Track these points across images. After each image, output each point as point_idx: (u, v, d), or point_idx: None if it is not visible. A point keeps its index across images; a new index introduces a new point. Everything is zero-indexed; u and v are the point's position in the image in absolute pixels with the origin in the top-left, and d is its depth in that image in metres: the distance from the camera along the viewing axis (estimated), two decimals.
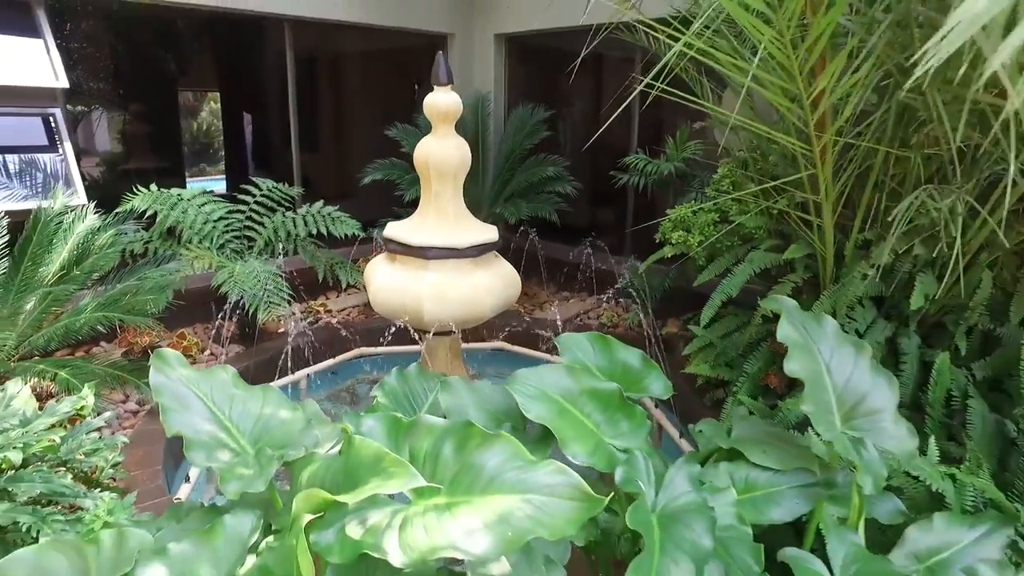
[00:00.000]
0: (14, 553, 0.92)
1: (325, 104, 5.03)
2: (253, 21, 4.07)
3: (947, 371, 1.95)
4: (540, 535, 0.91)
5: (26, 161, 3.53)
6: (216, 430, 1.09)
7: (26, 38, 3.60)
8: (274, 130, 4.71)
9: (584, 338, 1.62)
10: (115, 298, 2.87)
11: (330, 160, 5.15)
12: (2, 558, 0.93)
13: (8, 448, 1.62)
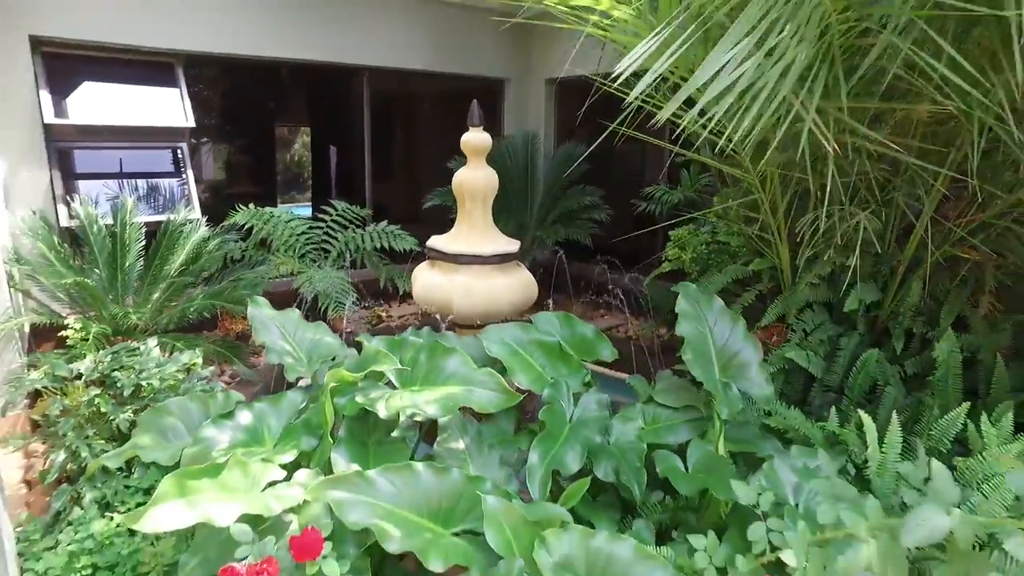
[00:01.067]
0: (169, 400, 1.63)
1: (395, 139, 5.89)
2: (338, 69, 4.97)
3: (872, 363, 2.39)
4: (471, 406, 1.52)
5: (158, 185, 4.52)
6: (285, 344, 1.78)
7: (166, 88, 4.63)
8: (352, 161, 5.61)
9: (553, 316, 2.22)
10: (218, 292, 3.71)
11: (398, 187, 5.99)
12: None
13: (152, 378, 2.39)
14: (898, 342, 2.51)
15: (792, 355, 2.44)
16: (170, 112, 4.55)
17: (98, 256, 3.50)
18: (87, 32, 3.85)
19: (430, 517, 1.34)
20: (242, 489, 1.31)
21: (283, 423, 1.60)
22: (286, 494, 1.30)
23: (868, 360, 2.39)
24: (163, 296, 3.57)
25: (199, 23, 4.24)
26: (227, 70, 5.13)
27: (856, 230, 2.27)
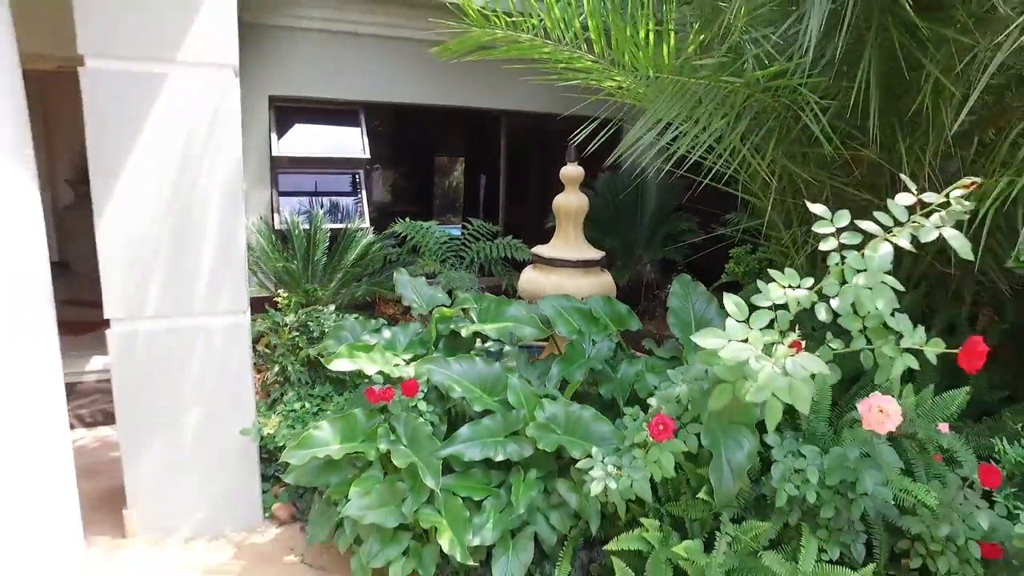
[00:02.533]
0: (344, 321, 2.83)
1: (525, 169, 7.08)
2: (482, 112, 6.26)
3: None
4: (518, 334, 2.55)
5: (339, 201, 6.03)
6: (413, 295, 2.93)
7: (351, 128, 6.18)
8: (492, 187, 6.88)
9: (600, 298, 3.17)
10: (378, 282, 5.05)
11: (526, 209, 7.15)
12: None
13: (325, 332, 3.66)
14: None
15: None
16: (352, 146, 6.10)
17: (297, 251, 4.97)
18: (302, 91, 5.45)
19: (480, 386, 2.37)
20: (380, 362, 2.43)
21: (408, 339, 2.72)
22: (403, 367, 2.40)
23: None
24: (339, 282, 4.97)
25: (376, 81, 5.72)
26: (397, 113, 6.63)
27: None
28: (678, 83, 2.29)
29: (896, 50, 2.17)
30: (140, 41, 2.28)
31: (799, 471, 1.89)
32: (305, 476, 2.32)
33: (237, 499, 2.73)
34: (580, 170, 4.16)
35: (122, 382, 2.47)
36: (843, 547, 2.00)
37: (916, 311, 3.13)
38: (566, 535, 2.25)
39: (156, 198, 2.39)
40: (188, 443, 2.60)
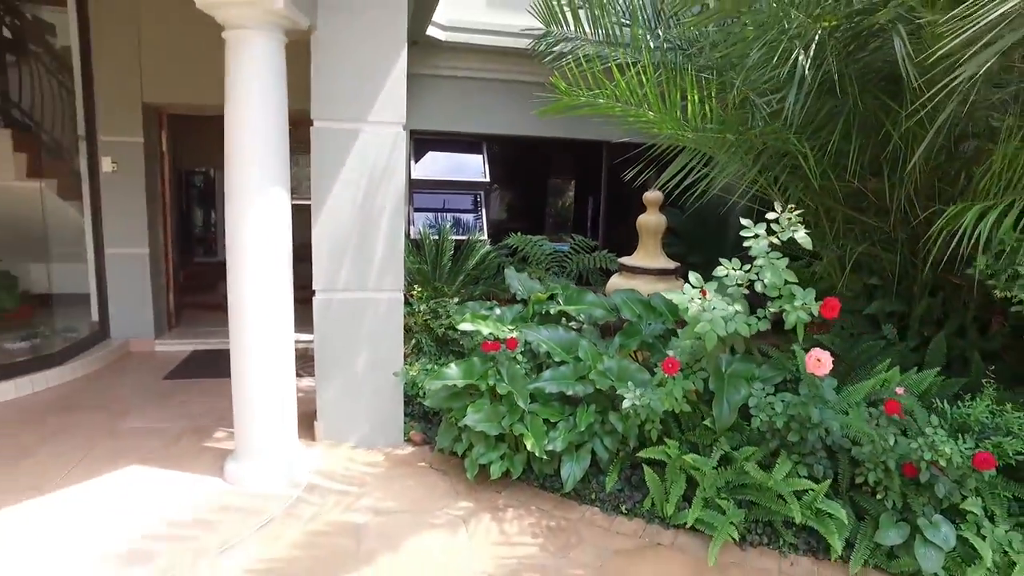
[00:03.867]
0: (467, 303, 3.97)
1: (621, 191, 8.03)
2: (586, 142, 7.31)
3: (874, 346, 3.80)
4: (592, 315, 3.58)
5: (461, 217, 7.28)
6: (517, 284, 4.02)
7: (474, 155, 7.44)
8: (595, 208, 7.88)
9: (660, 294, 4.11)
10: (492, 284, 6.20)
11: (623, 227, 8.09)
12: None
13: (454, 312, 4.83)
14: (911, 340, 3.84)
15: (820, 339, 3.94)
16: (474, 171, 7.36)
17: (428, 256, 6.23)
18: (435, 125, 6.77)
19: (560, 346, 3.41)
20: (492, 326, 3.53)
21: (512, 315, 3.80)
22: (507, 332, 3.49)
23: (873, 346, 3.79)
24: (461, 282, 6.17)
25: (496, 117, 6.96)
26: (513, 143, 7.83)
27: (875, 263, 3.76)
28: (705, 132, 3.25)
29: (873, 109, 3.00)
30: (346, 111, 3.56)
31: (771, 404, 2.77)
32: (437, 400, 3.46)
33: (387, 423, 3.92)
34: (659, 195, 5.12)
35: (320, 332, 3.74)
36: (809, 468, 2.84)
37: (934, 315, 3.83)
38: (615, 453, 3.23)
39: (350, 211, 3.65)
40: (358, 379, 3.82)
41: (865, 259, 3.93)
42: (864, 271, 4.06)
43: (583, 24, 4.61)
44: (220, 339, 6.15)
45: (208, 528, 2.95)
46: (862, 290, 4.07)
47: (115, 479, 3.38)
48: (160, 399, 4.65)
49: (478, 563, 2.79)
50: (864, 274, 4.05)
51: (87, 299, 5.72)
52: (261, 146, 3.09)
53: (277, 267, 3.23)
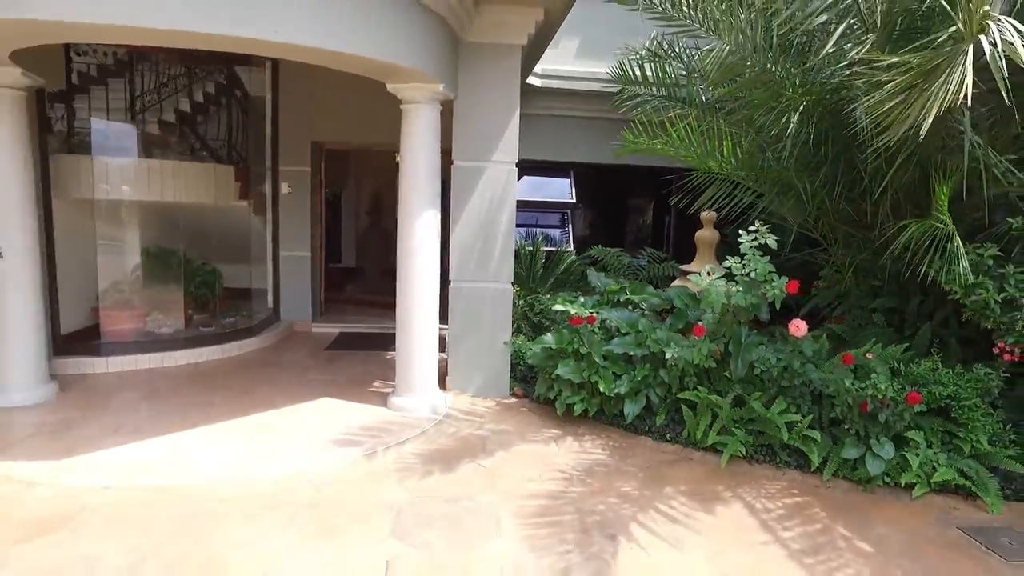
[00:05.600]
0: (556, 296, 5.42)
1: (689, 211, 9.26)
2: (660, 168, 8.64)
3: (873, 334, 4.97)
4: (651, 302, 4.96)
5: (549, 232, 8.77)
6: (598, 282, 5.44)
7: (563, 179, 8.93)
8: (665, 225, 9.17)
9: None
10: (576, 286, 7.62)
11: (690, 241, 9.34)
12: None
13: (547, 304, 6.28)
14: (908, 330, 4.98)
15: (835, 328, 5.12)
16: (562, 193, 8.85)
17: (524, 263, 7.73)
18: (529, 155, 8.29)
19: (626, 322, 4.80)
20: (577, 308, 4.96)
21: (591, 302, 5.21)
22: (587, 312, 4.91)
23: (874, 333, 4.96)
24: (550, 285, 7.64)
25: (581, 148, 8.42)
26: (597, 169, 9.26)
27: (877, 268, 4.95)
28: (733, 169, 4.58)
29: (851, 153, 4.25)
30: (475, 153, 5.12)
31: (767, 358, 4.06)
32: (537, 359, 4.92)
33: (497, 379, 5.41)
34: (713, 214, 6.42)
35: (453, 310, 5.29)
36: (797, 407, 4.10)
37: (926, 309, 4.94)
38: (663, 399, 4.57)
39: (476, 223, 5.20)
40: (478, 346, 5.34)
41: (868, 264, 5.09)
42: (870, 275, 5.21)
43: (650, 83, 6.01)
44: (357, 324, 7.91)
45: (386, 432, 4.53)
46: (868, 290, 5.23)
47: (317, 404, 5.04)
48: (327, 363, 6.35)
49: (563, 460, 4.21)
50: (870, 277, 5.21)
51: (266, 291, 7.57)
52: (423, 179, 4.69)
53: (431, 261, 4.81)
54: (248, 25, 3.45)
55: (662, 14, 5.72)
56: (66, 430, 4.34)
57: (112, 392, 5.21)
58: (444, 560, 3.01)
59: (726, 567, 3.07)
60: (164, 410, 4.80)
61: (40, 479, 3.59)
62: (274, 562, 2.93)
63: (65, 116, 5.80)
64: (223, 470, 3.82)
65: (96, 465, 3.81)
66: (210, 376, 5.74)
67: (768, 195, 4.84)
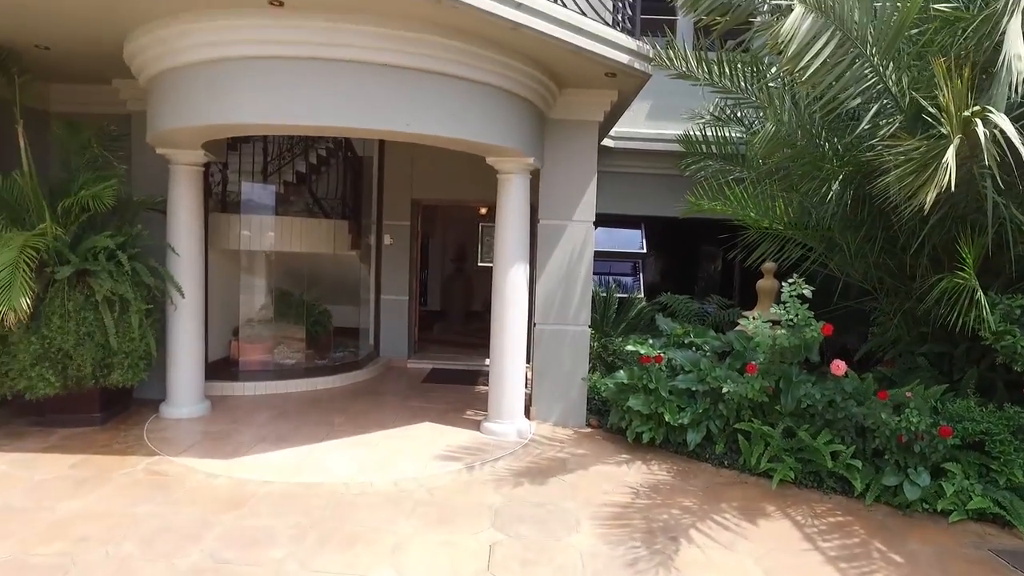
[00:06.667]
0: (629, 338, 6.15)
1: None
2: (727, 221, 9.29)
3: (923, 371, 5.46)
4: (712, 344, 5.63)
5: (621, 280, 9.52)
6: (665, 326, 6.15)
7: (634, 230, 9.69)
8: (733, 274, 9.75)
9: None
10: (646, 331, 8.30)
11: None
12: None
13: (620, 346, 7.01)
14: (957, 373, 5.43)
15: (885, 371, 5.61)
16: (633, 244, 9.60)
17: (598, 308, 8.48)
18: (604, 208, 9.10)
19: (688, 361, 5.47)
20: (646, 349, 5.68)
21: (659, 344, 5.90)
22: (655, 352, 5.61)
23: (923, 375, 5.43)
24: (622, 329, 8.35)
25: (652, 202, 9.17)
26: (666, 221, 9.98)
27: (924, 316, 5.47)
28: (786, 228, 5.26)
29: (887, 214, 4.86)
30: (559, 213, 6.00)
31: (813, 394, 4.66)
32: (611, 393, 5.64)
33: (575, 411, 6.15)
34: (773, 265, 7.03)
35: (537, 350, 6.11)
36: (842, 438, 4.66)
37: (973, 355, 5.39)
38: (721, 429, 5.19)
39: (558, 274, 6.04)
40: (559, 380, 6.12)
41: (915, 312, 5.59)
42: (918, 322, 5.70)
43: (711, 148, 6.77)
44: (447, 361, 8.83)
45: (481, 451, 5.34)
46: (917, 336, 5.71)
47: (420, 427, 5.93)
48: (424, 393, 7.26)
49: (632, 479, 4.90)
50: (918, 324, 5.69)
51: (368, 330, 8.62)
52: (516, 238, 5.60)
53: (520, 307, 5.67)
54: (387, 122, 4.49)
55: (721, 88, 6.55)
56: (226, 437, 5.38)
57: (251, 411, 6.27)
58: (535, 546, 3.77)
59: (769, 566, 3.69)
60: (296, 426, 5.79)
61: (217, 472, 4.60)
62: (403, 539, 3.77)
63: (220, 182, 7.09)
64: (351, 474, 4.72)
65: (255, 465, 4.79)
66: (327, 401, 6.74)
67: (817, 250, 5.47)
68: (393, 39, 4.38)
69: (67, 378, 5.15)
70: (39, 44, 5.08)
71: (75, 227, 5.27)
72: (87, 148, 5.51)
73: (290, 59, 4.39)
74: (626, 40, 5.18)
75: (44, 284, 5.02)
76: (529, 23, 4.41)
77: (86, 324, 5.10)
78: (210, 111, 4.53)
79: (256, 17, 4.25)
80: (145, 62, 4.88)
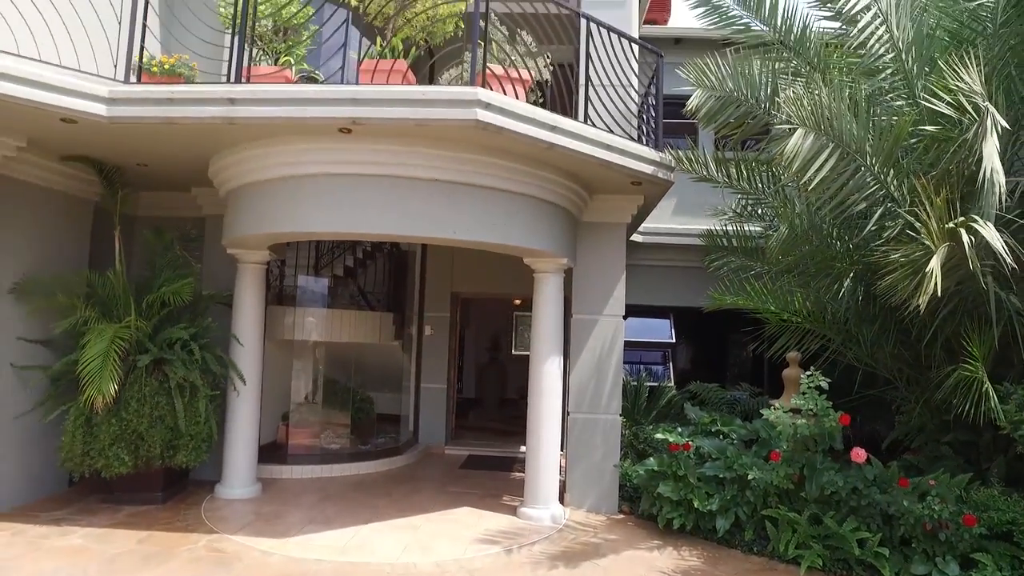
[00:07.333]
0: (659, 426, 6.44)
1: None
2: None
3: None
4: (738, 432, 5.89)
5: (652, 368, 9.83)
6: (693, 415, 6.43)
7: (663, 320, 10.08)
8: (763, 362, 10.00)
9: None
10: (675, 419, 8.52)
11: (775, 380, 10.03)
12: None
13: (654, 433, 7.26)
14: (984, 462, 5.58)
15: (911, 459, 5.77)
16: (663, 333, 9.96)
17: (629, 397, 8.75)
18: (634, 300, 9.53)
19: (715, 449, 5.72)
20: (675, 437, 5.95)
21: (687, 432, 6.17)
22: (684, 440, 5.88)
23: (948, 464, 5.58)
24: (653, 417, 8.58)
25: (679, 294, 9.59)
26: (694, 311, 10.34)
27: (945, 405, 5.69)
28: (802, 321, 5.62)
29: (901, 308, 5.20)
30: (590, 308, 6.46)
31: (835, 480, 4.87)
32: (641, 480, 5.88)
33: (608, 497, 6.37)
34: (797, 355, 7.31)
35: (571, 437, 6.41)
36: (867, 525, 4.83)
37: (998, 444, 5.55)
38: (750, 516, 5.38)
39: (590, 365, 6.43)
40: (592, 466, 6.38)
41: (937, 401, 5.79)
42: (941, 410, 5.89)
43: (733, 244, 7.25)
44: (483, 448, 9.12)
45: (518, 535, 5.59)
46: (941, 424, 5.88)
47: (459, 511, 6.20)
48: (462, 478, 7.54)
49: (663, 564, 5.09)
50: (941, 412, 5.88)
51: (408, 417, 9.01)
52: (552, 332, 6.05)
53: (555, 397, 6.04)
54: (437, 231, 5.09)
55: (740, 189, 7.08)
56: (277, 518, 5.73)
57: (299, 493, 6.63)
58: None
59: None
60: (343, 508, 6.12)
61: (272, 550, 4.94)
62: None
63: (278, 276, 7.76)
64: (395, 555, 5.01)
65: (307, 544, 5.12)
66: (370, 485, 7.07)
67: (835, 341, 5.80)
68: (444, 159, 5.04)
69: (138, 458, 5.62)
70: (141, 163, 5.88)
71: (155, 319, 5.89)
72: (170, 249, 6.22)
73: (354, 176, 5.06)
74: (650, 153, 5.78)
75: (126, 371, 5.59)
76: (563, 143, 5.03)
77: (159, 408, 5.62)
78: (283, 221, 5.19)
79: (327, 142, 4.95)
80: (228, 177, 5.62)
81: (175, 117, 4.77)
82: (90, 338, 5.40)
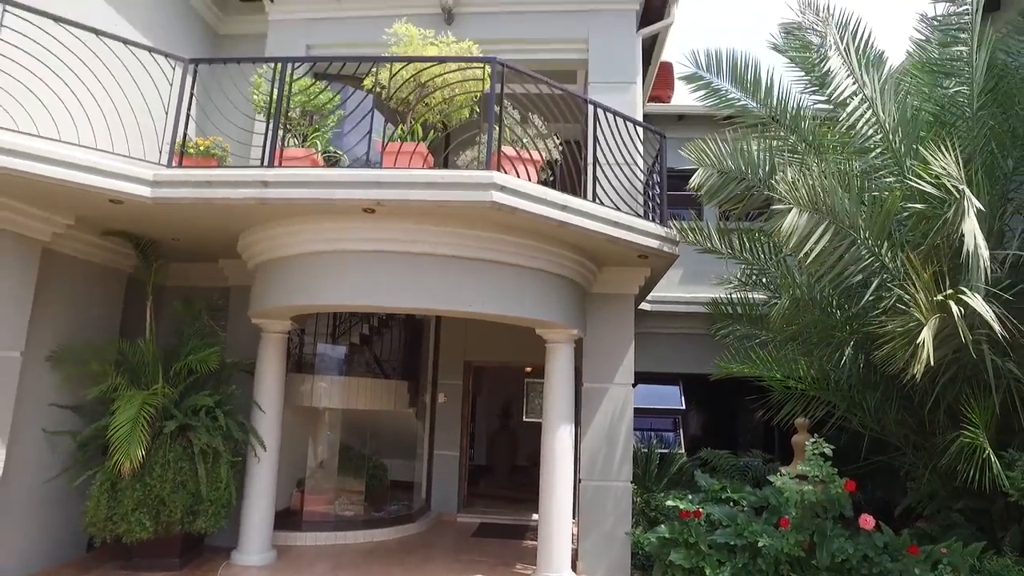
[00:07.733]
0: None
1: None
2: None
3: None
4: (748, 499, 5.97)
5: (663, 434, 9.90)
6: (703, 482, 6.52)
7: (672, 387, 10.21)
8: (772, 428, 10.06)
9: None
10: (686, 487, 8.55)
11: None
12: None
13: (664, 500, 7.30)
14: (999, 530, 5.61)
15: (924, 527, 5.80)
16: (672, 400, 10.08)
17: (641, 464, 8.82)
18: (643, 368, 9.68)
19: (726, 516, 5.79)
20: (685, 504, 6.03)
21: (698, 499, 6.24)
22: (694, 507, 5.96)
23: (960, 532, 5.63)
24: (664, 484, 8.61)
25: (688, 361, 9.75)
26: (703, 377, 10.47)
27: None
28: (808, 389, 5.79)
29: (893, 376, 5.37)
30: (600, 377, 6.67)
31: (846, 548, 4.93)
32: (653, 548, 5.93)
33: (620, 565, 6.40)
34: (805, 421, 7.42)
35: (582, 505, 6.49)
36: None
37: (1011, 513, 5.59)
38: None
39: (601, 433, 6.58)
40: (604, 534, 6.43)
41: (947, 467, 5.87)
42: (952, 476, 5.96)
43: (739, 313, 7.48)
44: (495, 515, 9.14)
45: None
46: (952, 491, 5.94)
47: None
48: (475, 547, 7.57)
49: None
50: (952, 478, 5.95)
51: (421, 484, 9.08)
52: (563, 402, 6.24)
53: (567, 466, 6.17)
54: (454, 304, 5.40)
55: (743, 260, 7.37)
56: None
57: (314, 561, 6.69)
58: None
59: None
60: None
61: None
62: None
63: (297, 345, 8.03)
64: None
65: None
66: (383, 553, 7.11)
67: (839, 408, 5.94)
68: (460, 236, 5.38)
69: (159, 523, 5.75)
70: (175, 237, 6.27)
71: (182, 386, 6.14)
72: (198, 319, 6.53)
73: (376, 252, 5.40)
74: (655, 228, 6.10)
75: (152, 437, 5.80)
76: (573, 221, 5.37)
77: (181, 473, 5.80)
78: (308, 294, 5.51)
79: (352, 221, 5.32)
80: (257, 252, 5.97)
81: (213, 198, 5.16)
82: (120, 404, 5.65)
